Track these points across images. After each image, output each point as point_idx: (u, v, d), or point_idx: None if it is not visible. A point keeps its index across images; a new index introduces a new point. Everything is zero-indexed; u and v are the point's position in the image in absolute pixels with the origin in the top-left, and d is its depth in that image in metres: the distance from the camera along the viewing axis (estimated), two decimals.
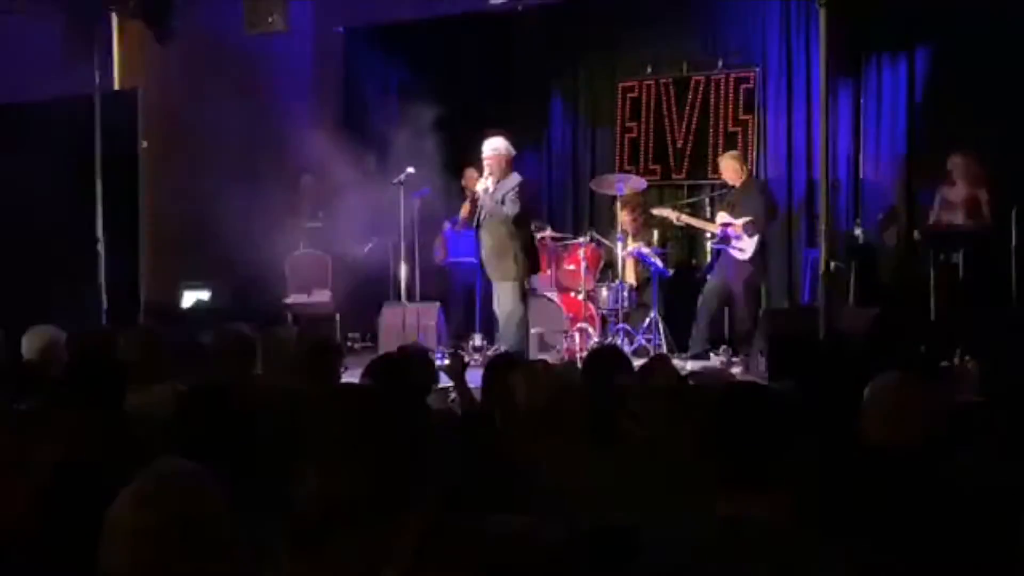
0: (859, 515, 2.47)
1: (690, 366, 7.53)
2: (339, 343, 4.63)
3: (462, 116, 9.87)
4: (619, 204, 8.64)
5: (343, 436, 2.47)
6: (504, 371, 3.31)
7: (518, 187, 7.44)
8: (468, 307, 9.29)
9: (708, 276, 8.58)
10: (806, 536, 2.06)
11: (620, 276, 8.58)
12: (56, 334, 5.10)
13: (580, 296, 8.38)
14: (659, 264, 8.63)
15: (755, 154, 9.20)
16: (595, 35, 9.90)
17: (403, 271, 8.55)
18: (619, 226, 8.60)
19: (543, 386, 3.11)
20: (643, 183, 8.88)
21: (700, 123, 9.48)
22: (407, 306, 8.45)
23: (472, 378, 5.06)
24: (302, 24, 10.23)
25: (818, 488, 2.17)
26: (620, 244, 8.51)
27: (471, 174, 9.50)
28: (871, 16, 8.44)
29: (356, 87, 10.73)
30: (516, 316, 7.53)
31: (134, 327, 4.95)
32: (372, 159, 8.34)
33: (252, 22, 8.94)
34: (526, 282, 7.78)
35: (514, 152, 7.70)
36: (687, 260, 9.46)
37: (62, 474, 2.32)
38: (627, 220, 8.79)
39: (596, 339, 8.21)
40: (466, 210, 9.34)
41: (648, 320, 8.41)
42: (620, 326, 8.31)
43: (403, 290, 8.55)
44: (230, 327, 4.62)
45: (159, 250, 9.43)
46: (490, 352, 8.37)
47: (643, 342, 8.32)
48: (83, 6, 8.09)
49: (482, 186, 7.53)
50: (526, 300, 7.76)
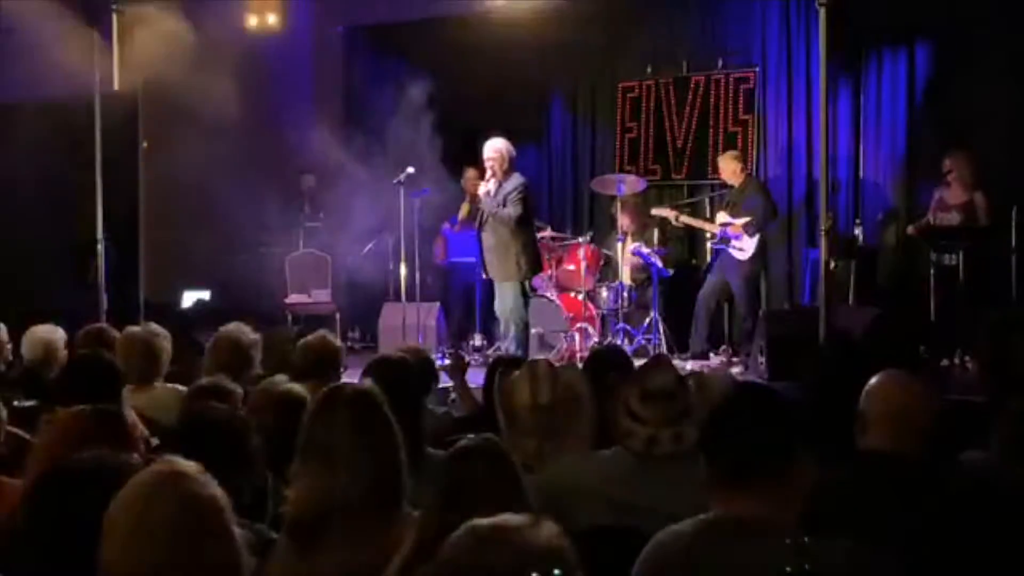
0: (858, 515, 2.47)
1: (690, 366, 7.54)
2: (339, 343, 4.61)
3: (462, 116, 9.87)
4: (619, 205, 8.64)
5: (342, 436, 2.47)
6: (505, 371, 3.31)
7: (521, 188, 7.44)
8: (468, 307, 9.29)
9: (708, 276, 8.57)
10: (805, 537, 2.06)
11: (620, 276, 8.58)
12: (56, 334, 5.11)
13: (580, 296, 8.37)
14: (659, 264, 8.63)
15: (755, 154, 9.19)
16: (595, 35, 9.89)
17: (403, 271, 8.55)
18: (619, 226, 8.60)
19: (544, 385, 3.11)
20: (643, 183, 8.88)
21: (700, 123, 9.48)
22: (407, 306, 8.46)
23: (472, 378, 5.07)
24: (302, 24, 10.24)
25: (818, 488, 2.17)
26: (620, 244, 8.52)
27: (471, 174, 9.51)
28: (871, 16, 8.45)
29: (356, 87, 10.74)
30: (517, 316, 7.54)
31: (136, 327, 4.92)
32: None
33: (252, 21, 8.94)
34: (527, 283, 7.78)
35: (515, 153, 7.70)
36: (687, 260, 9.46)
37: (61, 474, 2.32)
38: (627, 222, 8.80)
39: (596, 339, 8.21)
40: (465, 210, 9.34)
41: (648, 320, 8.41)
42: (620, 326, 8.32)
43: (403, 290, 8.55)
44: (228, 327, 4.62)
45: (159, 250, 9.42)
46: (490, 352, 8.38)
47: (643, 342, 8.32)
48: (84, 5, 8.08)
49: (484, 188, 7.53)
50: (527, 301, 7.76)
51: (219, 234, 9.02)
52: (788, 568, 1.96)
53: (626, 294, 8.63)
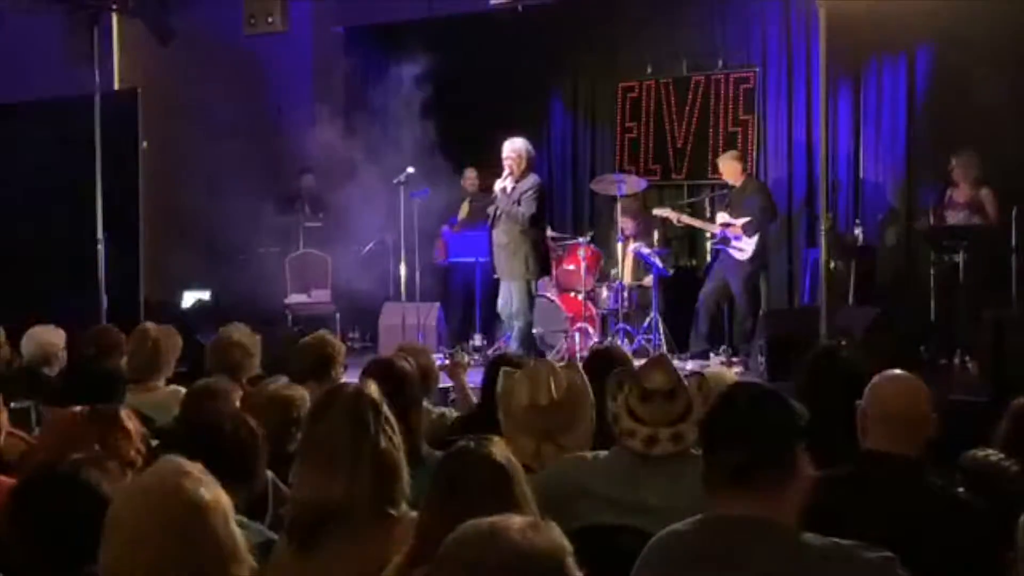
0: (858, 516, 2.47)
1: (690, 366, 7.53)
2: (339, 343, 4.61)
3: (462, 116, 9.87)
4: (621, 209, 8.66)
5: (341, 436, 2.47)
6: (505, 371, 3.30)
7: (536, 187, 7.43)
8: (468, 307, 9.29)
9: (708, 276, 8.57)
10: (804, 536, 2.06)
11: (620, 276, 8.58)
12: (56, 334, 5.11)
13: (580, 296, 8.37)
14: (659, 264, 8.63)
15: (755, 154, 9.19)
16: (595, 35, 9.89)
17: (403, 271, 8.55)
18: (619, 226, 8.60)
19: (544, 387, 3.11)
20: (643, 183, 8.88)
21: (700, 123, 9.48)
22: (407, 306, 8.46)
23: (472, 378, 5.07)
24: (302, 24, 10.24)
25: (817, 489, 2.17)
26: (620, 244, 8.52)
27: (470, 174, 9.51)
28: (871, 16, 8.44)
29: (356, 87, 10.74)
30: (521, 316, 7.52)
31: (150, 323, 4.92)
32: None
33: (252, 22, 8.94)
34: (533, 283, 7.76)
35: (534, 152, 7.69)
36: (687, 260, 9.46)
37: (61, 473, 2.32)
38: (629, 225, 8.82)
39: (596, 339, 8.21)
40: (465, 210, 9.34)
41: (648, 320, 8.41)
42: (620, 326, 8.31)
43: (403, 290, 8.55)
44: (229, 328, 4.62)
45: (159, 250, 9.43)
46: (491, 352, 8.38)
47: (643, 342, 8.31)
48: (83, 6, 8.08)
49: (500, 185, 7.49)
50: (532, 301, 7.73)
51: (219, 234, 9.00)
52: (788, 568, 1.95)
53: (626, 294, 8.63)
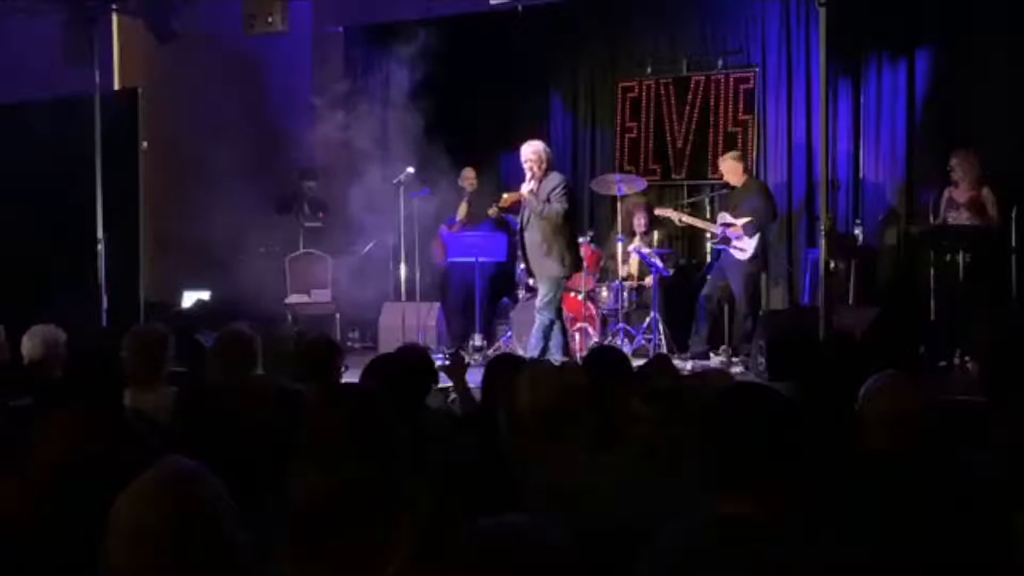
0: (857, 516, 2.47)
1: (690, 366, 7.54)
2: (339, 343, 4.62)
3: (462, 116, 9.87)
4: (630, 207, 8.66)
5: (342, 436, 2.47)
6: (505, 371, 3.31)
7: (563, 184, 7.39)
8: (468, 307, 9.29)
9: (708, 276, 8.58)
10: (805, 537, 2.06)
11: (620, 276, 8.58)
12: (56, 334, 5.11)
13: (580, 296, 8.37)
14: (659, 264, 8.63)
15: (755, 154, 9.20)
16: (595, 35, 9.90)
17: (403, 271, 8.55)
18: (619, 226, 8.60)
19: (544, 386, 3.11)
20: (643, 183, 8.88)
21: (700, 123, 9.49)
22: (407, 306, 8.46)
23: (472, 378, 5.06)
24: (302, 24, 10.23)
25: (817, 489, 2.17)
26: (620, 244, 8.52)
27: (468, 174, 9.51)
28: (871, 16, 8.45)
29: (356, 87, 10.74)
30: (549, 309, 7.44)
31: (142, 325, 4.92)
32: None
33: (252, 22, 8.93)
34: (565, 281, 7.71)
35: (551, 152, 7.67)
36: (687, 260, 9.46)
37: (60, 474, 2.32)
38: (644, 220, 8.83)
39: (596, 339, 8.21)
40: (463, 211, 9.35)
41: (648, 320, 8.41)
42: (620, 326, 8.32)
43: (403, 290, 8.55)
44: (230, 327, 4.61)
45: (159, 250, 9.43)
46: (491, 351, 8.38)
47: (643, 342, 8.32)
48: (83, 6, 8.08)
49: (526, 188, 7.43)
50: (560, 299, 7.68)
51: (219, 234, 9.00)
52: (788, 567, 1.96)
53: (626, 294, 8.64)
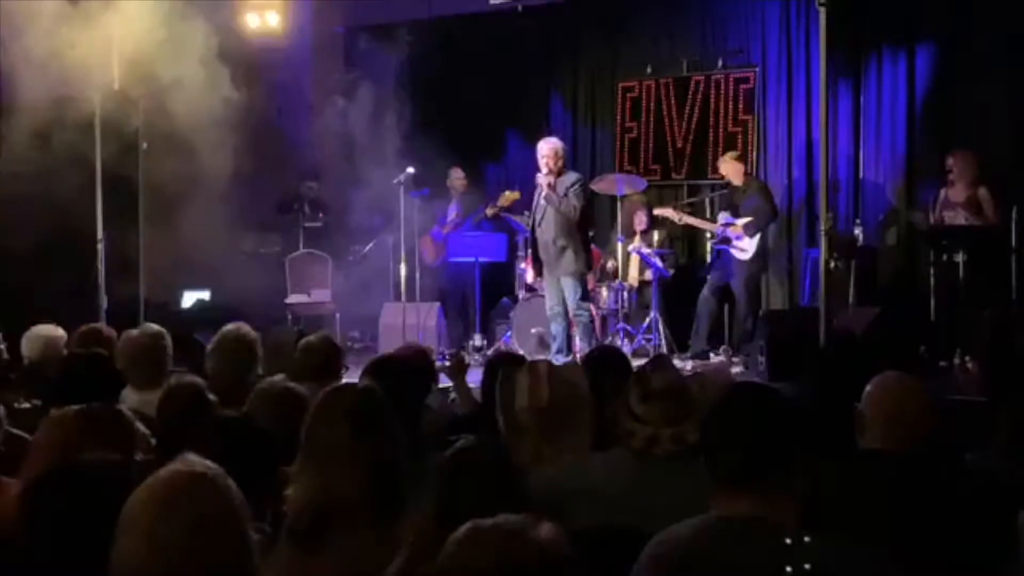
0: (858, 516, 2.47)
1: (690, 366, 7.53)
2: (339, 343, 4.62)
3: (462, 116, 9.87)
4: (630, 206, 8.65)
5: (342, 436, 2.47)
6: (505, 371, 3.30)
7: (580, 181, 7.45)
8: (467, 307, 9.29)
9: (708, 276, 8.58)
10: (805, 537, 2.06)
11: (621, 276, 8.58)
12: (56, 334, 5.10)
13: None
14: (659, 264, 8.63)
15: (755, 154, 9.19)
16: (595, 35, 9.90)
17: (403, 271, 8.55)
18: (619, 226, 8.60)
19: (544, 386, 3.11)
20: (643, 183, 8.89)
21: (700, 123, 9.49)
22: (407, 306, 8.46)
23: (472, 378, 5.06)
24: (302, 24, 10.23)
25: (818, 489, 2.17)
26: (621, 244, 8.51)
27: (457, 174, 9.52)
28: (871, 16, 8.45)
29: (356, 87, 10.73)
30: (584, 310, 7.47)
31: (135, 330, 4.91)
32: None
33: (252, 22, 8.93)
34: (587, 276, 7.72)
35: (567, 148, 7.69)
36: (687, 260, 9.46)
37: (60, 474, 2.31)
38: (644, 219, 8.83)
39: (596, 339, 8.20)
40: (455, 213, 9.38)
41: (648, 320, 8.41)
42: (620, 326, 8.31)
43: (403, 290, 8.55)
44: (230, 327, 4.61)
45: (159, 250, 9.41)
46: (491, 351, 8.38)
47: (643, 342, 8.32)
48: (83, 5, 8.07)
49: (544, 181, 7.41)
50: (586, 294, 7.68)
51: (219, 235, 8.99)
52: (789, 568, 1.96)
53: (626, 294, 8.63)
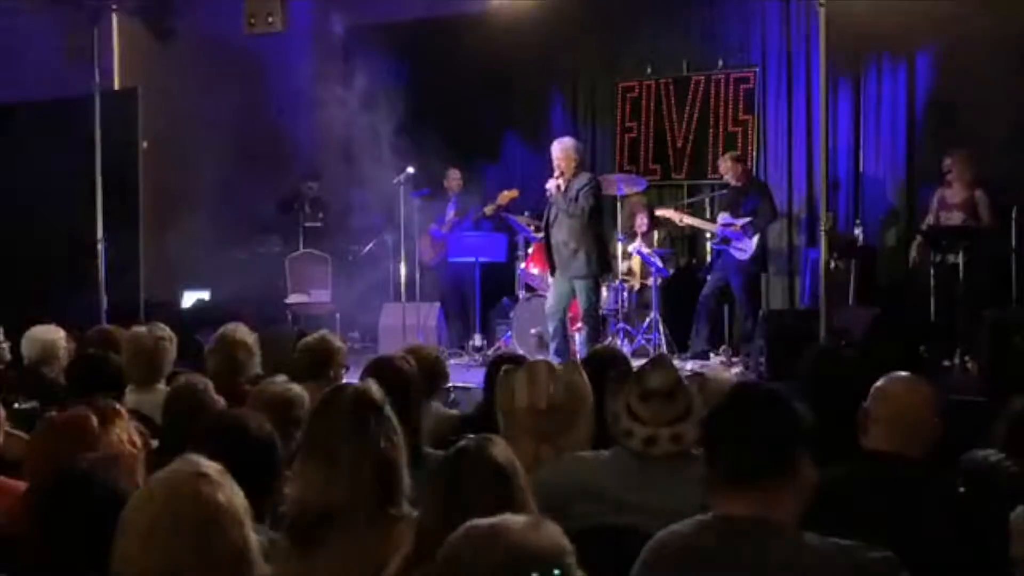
0: (858, 516, 2.47)
1: (690, 366, 7.53)
2: (339, 343, 4.61)
3: (462, 116, 9.87)
4: (631, 207, 8.63)
5: (342, 436, 2.46)
6: (505, 371, 3.30)
7: (591, 183, 7.30)
8: (467, 307, 9.29)
9: (708, 276, 8.58)
10: (805, 537, 2.06)
11: (621, 276, 8.57)
12: (56, 334, 5.11)
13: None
14: (659, 264, 8.63)
15: (755, 154, 9.19)
16: (595, 35, 9.89)
17: (403, 271, 8.55)
18: (619, 226, 8.60)
19: (544, 386, 3.11)
20: (643, 183, 8.88)
21: (700, 123, 9.49)
22: (407, 306, 8.46)
23: (472, 378, 5.07)
24: (302, 24, 10.23)
25: (818, 489, 2.17)
26: (621, 244, 8.51)
27: (453, 175, 9.52)
28: (871, 16, 8.44)
29: (356, 87, 10.73)
30: (590, 315, 7.38)
31: (142, 327, 4.90)
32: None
33: (252, 22, 8.93)
34: (601, 279, 7.67)
35: (582, 149, 7.61)
36: (687, 260, 9.46)
37: (60, 474, 2.32)
38: (645, 220, 8.83)
39: None
40: (452, 213, 9.39)
41: (648, 320, 8.41)
42: (620, 326, 8.31)
43: (403, 290, 8.55)
44: (229, 327, 4.61)
45: (159, 250, 9.42)
46: (491, 351, 8.38)
47: (643, 342, 8.32)
48: (83, 6, 8.08)
49: (552, 184, 7.33)
50: (599, 297, 7.64)
51: (219, 234, 9.00)
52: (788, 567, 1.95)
53: (626, 294, 8.63)
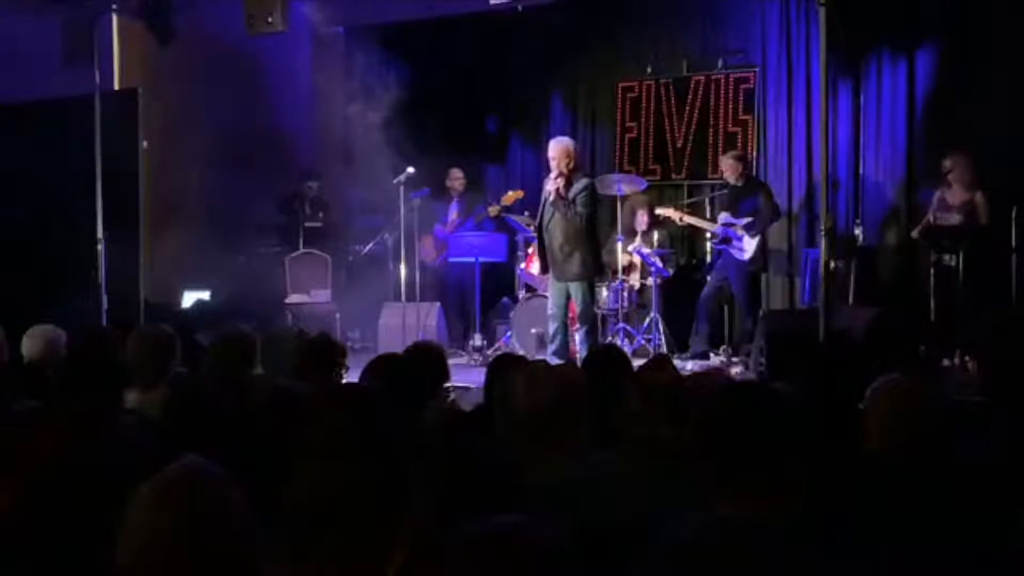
0: (859, 516, 2.47)
1: (690, 366, 7.54)
2: (339, 343, 4.62)
3: (462, 116, 9.87)
4: (631, 207, 8.63)
5: (342, 436, 2.47)
6: (505, 371, 3.30)
7: (589, 188, 7.28)
8: (467, 307, 9.29)
9: (708, 276, 8.58)
10: (806, 537, 2.06)
11: (621, 276, 8.58)
12: (56, 334, 5.10)
13: None
14: (659, 264, 8.63)
15: (755, 154, 9.20)
16: (595, 35, 9.90)
17: (403, 271, 8.55)
18: (619, 226, 8.60)
19: (544, 386, 3.11)
20: (643, 183, 8.88)
21: (700, 123, 9.49)
22: (407, 306, 8.46)
23: (472, 378, 5.07)
24: (302, 24, 10.23)
25: (818, 489, 2.17)
26: (620, 244, 8.51)
27: (456, 174, 9.53)
28: (871, 16, 8.45)
29: (356, 87, 10.74)
30: (588, 319, 7.39)
31: (148, 326, 4.91)
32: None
33: (252, 22, 8.93)
34: (595, 281, 7.67)
35: (579, 148, 7.59)
36: (687, 260, 9.46)
37: (60, 474, 2.31)
38: (646, 219, 8.84)
39: None
40: (455, 211, 9.38)
41: (648, 320, 8.41)
42: (620, 326, 8.31)
43: (403, 290, 8.55)
44: (230, 327, 4.61)
45: (159, 250, 9.43)
46: (491, 351, 8.38)
47: (643, 342, 8.32)
48: (83, 6, 8.08)
49: (550, 186, 7.31)
50: (594, 300, 7.63)
51: (219, 234, 9.00)
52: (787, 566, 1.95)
53: (626, 294, 8.63)
